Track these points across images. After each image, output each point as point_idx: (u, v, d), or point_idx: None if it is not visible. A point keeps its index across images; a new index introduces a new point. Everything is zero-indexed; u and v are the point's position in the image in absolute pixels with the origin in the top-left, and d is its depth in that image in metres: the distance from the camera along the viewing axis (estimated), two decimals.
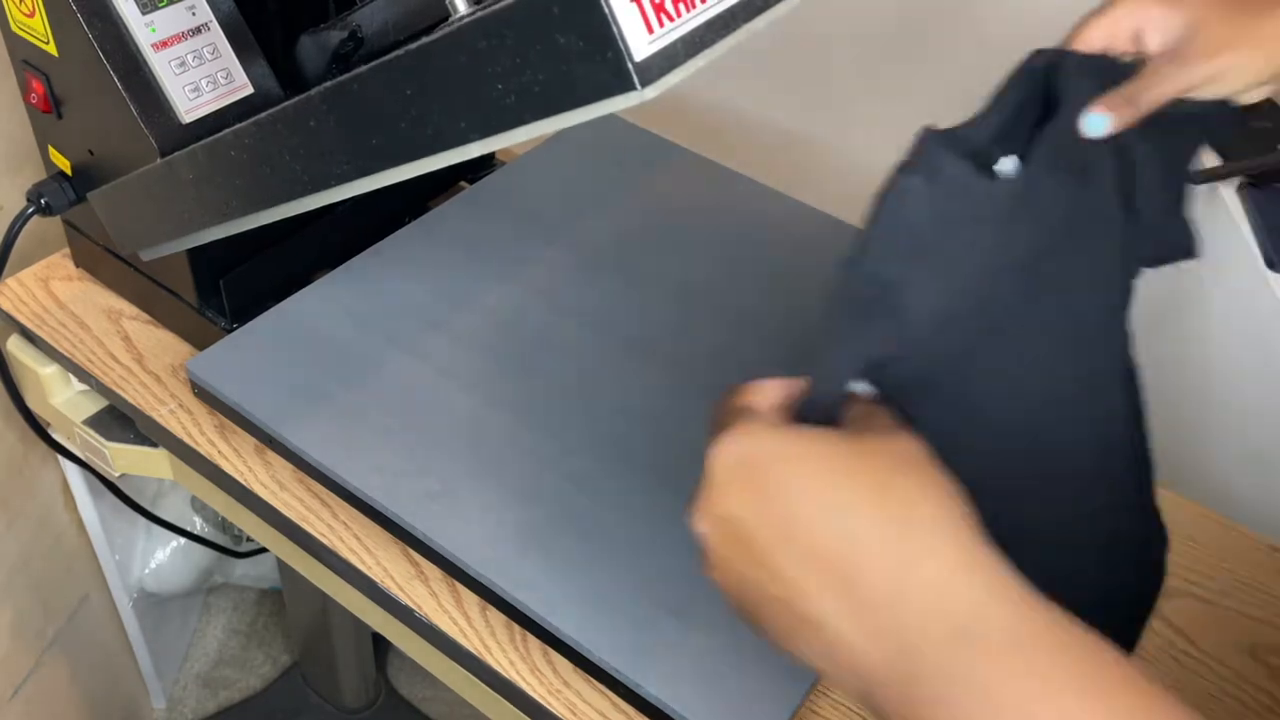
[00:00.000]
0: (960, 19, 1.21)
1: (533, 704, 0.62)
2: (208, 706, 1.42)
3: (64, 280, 0.86)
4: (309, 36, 0.71)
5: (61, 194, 0.77)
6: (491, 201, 0.89)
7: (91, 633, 1.22)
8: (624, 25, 0.41)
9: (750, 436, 0.38)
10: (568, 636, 0.61)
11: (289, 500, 0.71)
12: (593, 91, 0.43)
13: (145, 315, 0.83)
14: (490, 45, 0.44)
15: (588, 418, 0.72)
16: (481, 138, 0.48)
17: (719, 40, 0.45)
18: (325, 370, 0.73)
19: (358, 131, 0.52)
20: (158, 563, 1.28)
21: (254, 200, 0.62)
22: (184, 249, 0.72)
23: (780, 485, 0.37)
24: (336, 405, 0.71)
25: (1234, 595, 0.69)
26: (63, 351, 0.80)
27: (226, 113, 0.71)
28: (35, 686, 1.11)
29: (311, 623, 1.27)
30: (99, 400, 0.84)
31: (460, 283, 0.81)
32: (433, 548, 0.65)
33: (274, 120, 0.57)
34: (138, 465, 0.83)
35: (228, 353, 0.75)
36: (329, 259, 0.82)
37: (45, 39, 0.70)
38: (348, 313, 0.78)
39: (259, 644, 1.49)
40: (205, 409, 0.76)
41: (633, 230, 0.87)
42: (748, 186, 0.92)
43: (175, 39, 0.69)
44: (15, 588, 1.06)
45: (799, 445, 0.37)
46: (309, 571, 0.76)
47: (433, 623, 0.65)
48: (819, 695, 0.63)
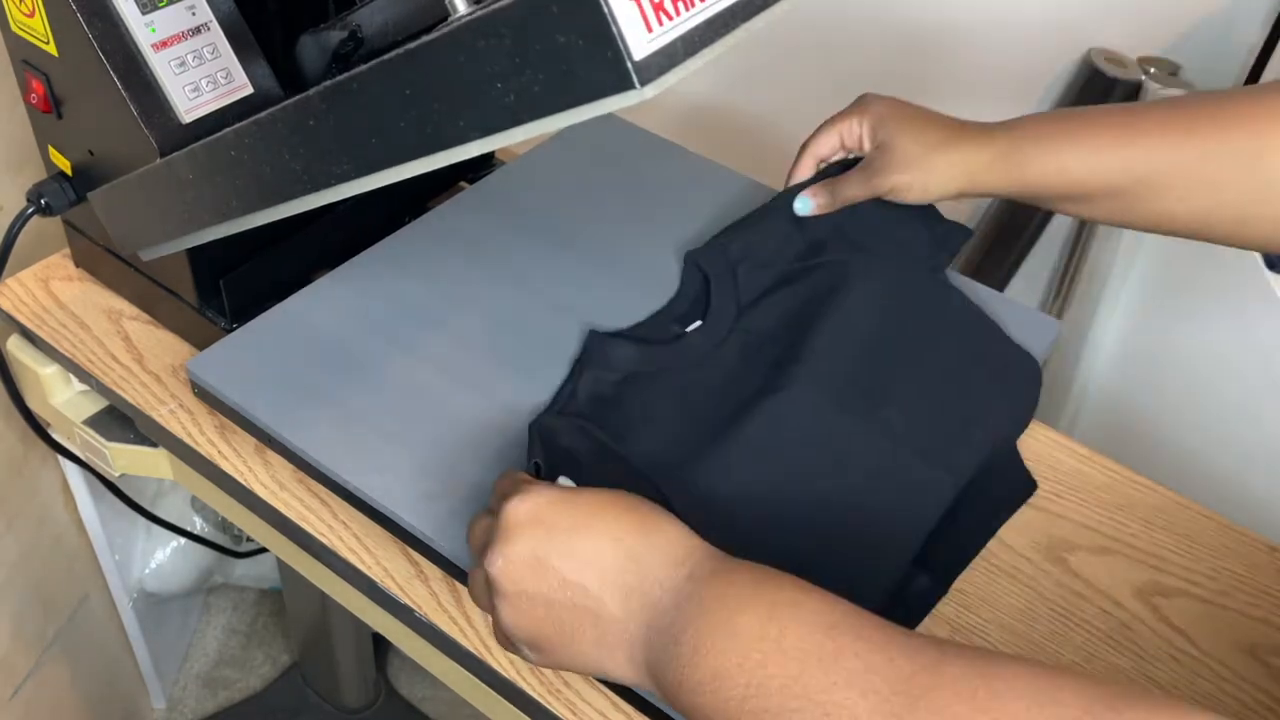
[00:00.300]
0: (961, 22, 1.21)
1: (533, 704, 0.62)
2: (208, 706, 1.42)
3: (64, 280, 0.86)
4: (309, 36, 0.71)
5: (61, 194, 0.77)
6: (491, 201, 0.89)
7: (91, 633, 1.22)
8: (623, 24, 0.41)
9: (535, 493, 0.53)
10: None
11: (289, 500, 0.71)
12: (592, 91, 0.43)
13: (145, 315, 0.83)
14: (489, 45, 0.44)
15: None
16: (481, 137, 0.48)
17: (718, 39, 0.45)
18: (325, 370, 0.74)
19: (357, 131, 0.53)
20: (158, 563, 1.28)
21: (254, 200, 0.62)
22: (184, 249, 0.72)
23: (560, 519, 0.51)
24: (336, 405, 0.71)
25: (1234, 595, 0.69)
26: (63, 351, 0.80)
27: (226, 113, 0.71)
28: (35, 686, 1.11)
29: (311, 623, 1.27)
30: (99, 400, 0.84)
31: (460, 283, 0.81)
32: (433, 548, 0.65)
33: (274, 120, 0.57)
34: (138, 465, 0.83)
35: (228, 353, 0.75)
36: (329, 259, 0.82)
37: (45, 39, 0.70)
38: (347, 313, 0.78)
39: (259, 644, 1.49)
40: (205, 409, 0.76)
41: (632, 230, 0.87)
42: (748, 187, 0.92)
43: (175, 39, 0.69)
44: (15, 588, 1.06)
45: (569, 494, 0.53)
46: (309, 571, 0.76)
47: (433, 623, 0.65)
48: None
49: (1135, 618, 0.68)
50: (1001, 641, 0.66)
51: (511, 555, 0.51)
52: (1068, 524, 0.73)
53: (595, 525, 0.51)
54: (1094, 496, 0.74)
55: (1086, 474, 0.76)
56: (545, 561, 0.51)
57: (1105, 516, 0.73)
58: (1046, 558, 0.71)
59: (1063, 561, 0.70)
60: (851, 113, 0.78)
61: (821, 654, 0.44)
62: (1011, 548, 0.71)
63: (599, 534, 0.51)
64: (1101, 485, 0.75)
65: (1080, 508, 0.74)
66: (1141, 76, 1.15)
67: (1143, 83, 1.15)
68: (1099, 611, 0.68)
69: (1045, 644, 0.66)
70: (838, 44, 1.29)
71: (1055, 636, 0.67)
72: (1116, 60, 1.17)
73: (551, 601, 0.51)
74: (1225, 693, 0.64)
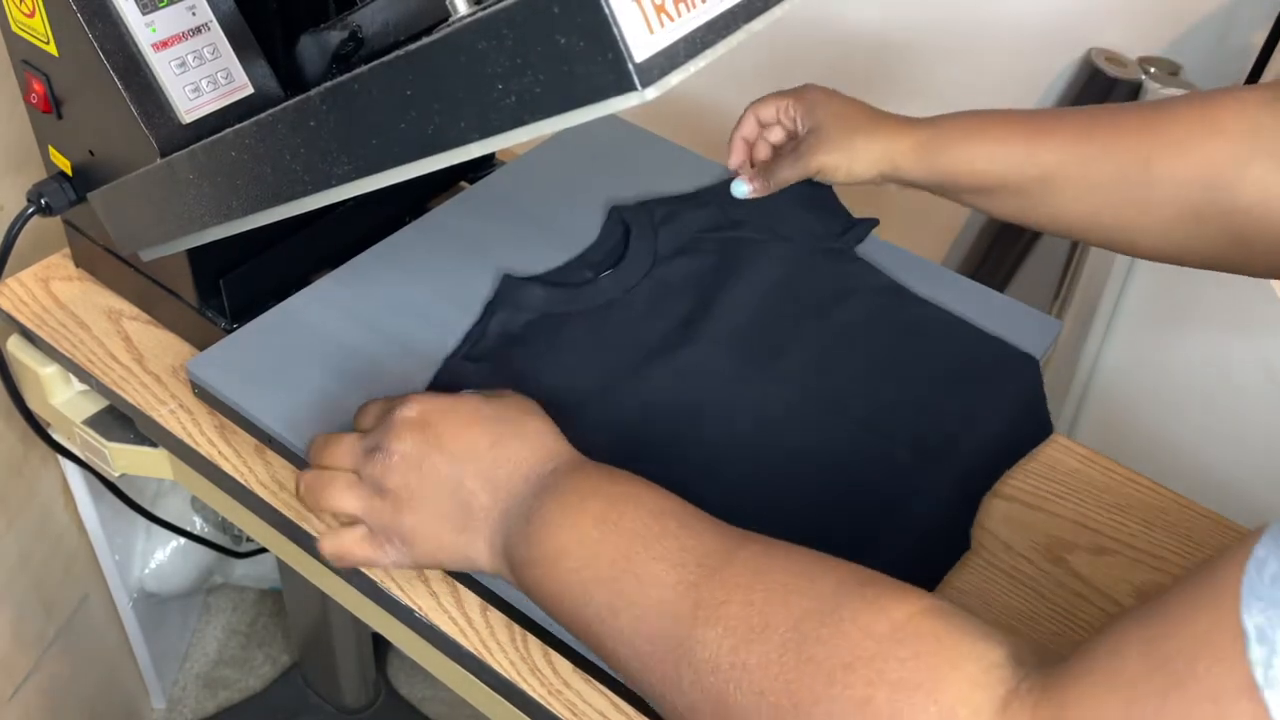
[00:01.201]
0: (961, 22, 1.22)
1: (533, 704, 0.62)
2: (208, 706, 1.42)
3: (64, 280, 0.86)
4: (309, 36, 0.71)
5: (61, 194, 0.77)
6: (491, 201, 0.89)
7: (91, 633, 1.22)
8: (624, 26, 0.41)
9: (423, 398, 0.60)
10: (568, 637, 0.61)
11: (289, 500, 0.71)
12: (593, 92, 0.43)
13: (145, 315, 0.83)
14: (490, 45, 0.44)
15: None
16: (481, 138, 0.48)
17: (719, 41, 0.45)
18: (325, 370, 0.74)
19: (358, 132, 0.53)
20: (158, 563, 1.28)
21: (254, 200, 0.62)
22: (184, 249, 0.72)
23: (444, 421, 0.58)
24: (336, 405, 0.71)
25: None
26: (63, 351, 0.80)
27: (227, 113, 0.71)
28: (35, 687, 1.11)
29: (311, 623, 1.27)
30: (99, 400, 0.84)
31: (460, 283, 0.81)
32: None
33: (274, 120, 0.57)
34: (138, 465, 0.83)
35: (228, 353, 0.75)
36: (329, 259, 0.82)
37: (45, 39, 0.70)
38: (348, 313, 0.78)
39: (259, 644, 1.49)
40: (205, 409, 0.76)
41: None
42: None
43: (175, 39, 0.69)
44: (15, 588, 1.06)
45: (454, 399, 0.60)
46: (309, 571, 0.76)
47: (433, 623, 0.65)
48: None
49: None
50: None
51: (398, 451, 0.58)
52: (1068, 524, 0.73)
53: (475, 426, 0.58)
54: (1094, 496, 0.74)
55: (1086, 474, 0.76)
56: (427, 458, 0.57)
57: (1105, 516, 0.73)
58: (1046, 558, 0.71)
59: (1063, 561, 0.70)
60: (790, 94, 0.83)
61: (648, 534, 0.52)
62: (1011, 548, 0.71)
63: (478, 434, 0.58)
64: (1101, 485, 0.75)
65: (1080, 508, 0.74)
66: (1141, 76, 1.15)
67: (1143, 83, 1.15)
68: (1099, 611, 0.68)
69: (1046, 644, 0.66)
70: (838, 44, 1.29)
71: (1055, 637, 0.67)
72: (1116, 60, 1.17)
73: (427, 496, 0.57)
74: None
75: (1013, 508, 0.73)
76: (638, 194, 0.90)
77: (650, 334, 0.76)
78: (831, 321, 0.78)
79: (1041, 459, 0.76)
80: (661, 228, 0.84)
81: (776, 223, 0.85)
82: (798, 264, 0.82)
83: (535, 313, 0.77)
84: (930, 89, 1.25)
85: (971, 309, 0.81)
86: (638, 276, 0.80)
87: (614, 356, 0.75)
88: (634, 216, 0.85)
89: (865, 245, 0.85)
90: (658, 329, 0.77)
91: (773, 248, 0.83)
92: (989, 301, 0.82)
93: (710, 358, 0.75)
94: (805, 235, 0.84)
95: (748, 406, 0.72)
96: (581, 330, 0.77)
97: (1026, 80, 1.22)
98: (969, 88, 1.23)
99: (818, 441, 0.71)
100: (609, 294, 0.79)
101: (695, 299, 0.79)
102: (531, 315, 0.77)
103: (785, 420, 0.72)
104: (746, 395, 0.73)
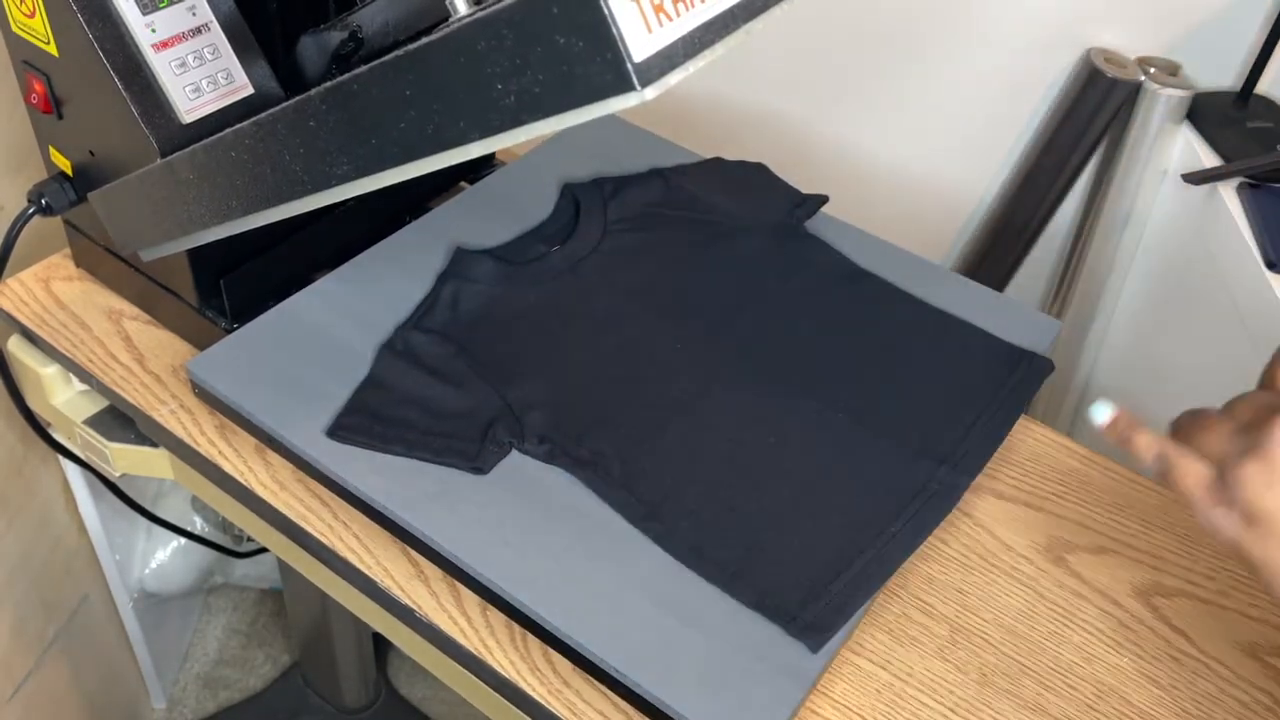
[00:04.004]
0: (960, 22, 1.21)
1: (533, 704, 0.62)
2: (208, 706, 1.42)
3: (64, 280, 0.86)
4: (309, 36, 0.71)
5: (62, 194, 0.77)
6: (491, 201, 0.89)
7: (91, 633, 1.22)
8: (623, 26, 0.41)
9: None
10: (568, 636, 0.61)
11: (289, 500, 0.71)
12: (592, 92, 0.43)
13: (145, 315, 0.83)
14: (490, 46, 0.44)
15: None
16: (481, 138, 0.48)
17: (718, 40, 0.45)
18: (325, 370, 0.74)
19: (358, 131, 0.53)
20: (158, 563, 1.28)
21: (254, 200, 0.62)
22: (184, 249, 0.72)
23: None
24: (337, 405, 0.71)
25: (1234, 595, 0.70)
26: (63, 351, 0.80)
27: (227, 113, 0.71)
28: (35, 686, 1.11)
29: (311, 623, 1.27)
30: (99, 400, 0.84)
31: None
32: (433, 548, 0.65)
33: (274, 120, 0.57)
34: (138, 465, 0.83)
35: (228, 353, 0.75)
36: (329, 259, 0.82)
37: (46, 39, 0.70)
38: (348, 313, 0.78)
39: (259, 644, 1.49)
40: (205, 409, 0.76)
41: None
42: None
43: (176, 39, 0.69)
44: (15, 588, 1.06)
45: None
46: (309, 571, 0.76)
47: (433, 623, 0.65)
48: (819, 695, 0.63)
49: (1135, 618, 0.68)
50: (1001, 641, 0.66)
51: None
52: (1068, 524, 0.73)
53: None
54: (1094, 496, 0.74)
55: (1086, 474, 0.76)
56: None
57: (1105, 516, 0.73)
58: (1046, 558, 0.71)
59: (1063, 561, 0.71)
60: None
61: None
62: (1011, 548, 0.71)
63: None
64: (1101, 485, 0.75)
65: (1080, 508, 0.74)
66: (1141, 77, 1.15)
67: (1142, 83, 1.15)
68: (1099, 611, 0.68)
69: (1045, 644, 0.66)
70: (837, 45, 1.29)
71: (1055, 636, 0.67)
72: (1116, 60, 1.17)
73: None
74: (1225, 693, 0.65)
75: (1013, 508, 0.74)
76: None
77: (597, 306, 0.79)
78: (777, 292, 0.81)
79: (1041, 459, 0.76)
80: (611, 203, 0.87)
81: (724, 199, 0.87)
82: (745, 237, 0.85)
83: (486, 283, 0.79)
84: (929, 88, 1.25)
85: (971, 309, 0.81)
86: (587, 250, 0.83)
87: (562, 327, 0.77)
88: (584, 194, 0.88)
89: (865, 245, 0.85)
90: (604, 301, 0.79)
91: (721, 223, 0.86)
92: (989, 301, 0.82)
93: (658, 329, 0.77)
94: (753, 211, 0.87)
95: (695, 375, 0.74)
96: (531, 302, 0.79)
97: (1025, 80, 1.22)
98: (968, 87, 1.23)
99: (773, 411, 0.73)
100: (558, 268, 0.82)
101: (643, 272, 0.82)
102: (482, 286, 0.79)
103: (732, 389, 0.74)
104: (692, 364, 0.75)
